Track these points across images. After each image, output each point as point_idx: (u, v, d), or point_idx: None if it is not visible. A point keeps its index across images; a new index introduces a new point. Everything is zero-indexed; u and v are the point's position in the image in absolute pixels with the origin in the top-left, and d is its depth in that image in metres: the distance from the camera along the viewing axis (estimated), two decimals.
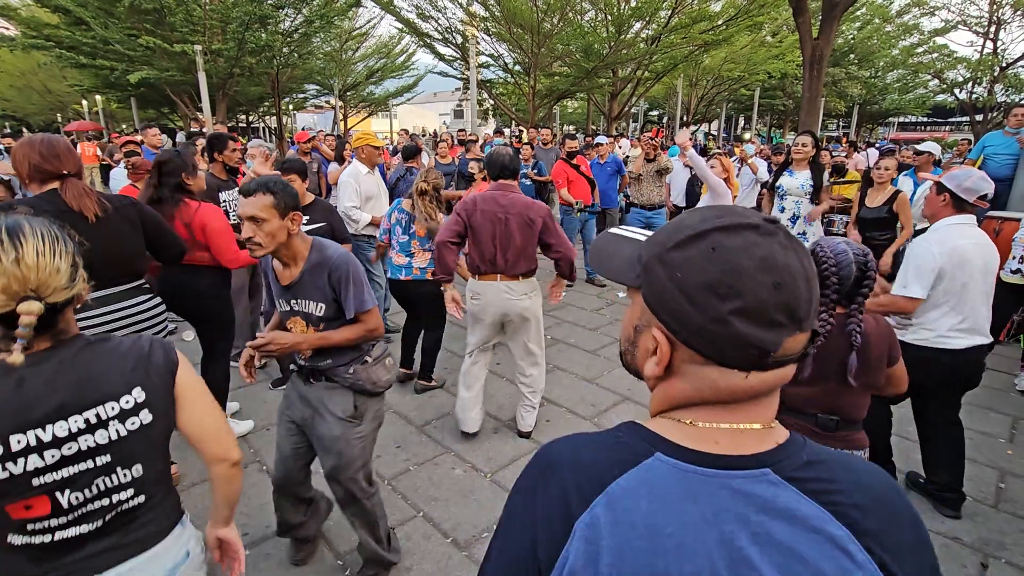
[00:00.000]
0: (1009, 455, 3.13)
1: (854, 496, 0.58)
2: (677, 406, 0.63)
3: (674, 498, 0.56)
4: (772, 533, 0.55)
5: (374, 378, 1.99)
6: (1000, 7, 16.73)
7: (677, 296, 0.58)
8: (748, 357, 0.57)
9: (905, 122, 33.73)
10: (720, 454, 0.58)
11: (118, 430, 1.06)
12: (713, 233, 0.58)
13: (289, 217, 1.76)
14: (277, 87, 17.75)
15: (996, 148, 5.87)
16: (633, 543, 0.55)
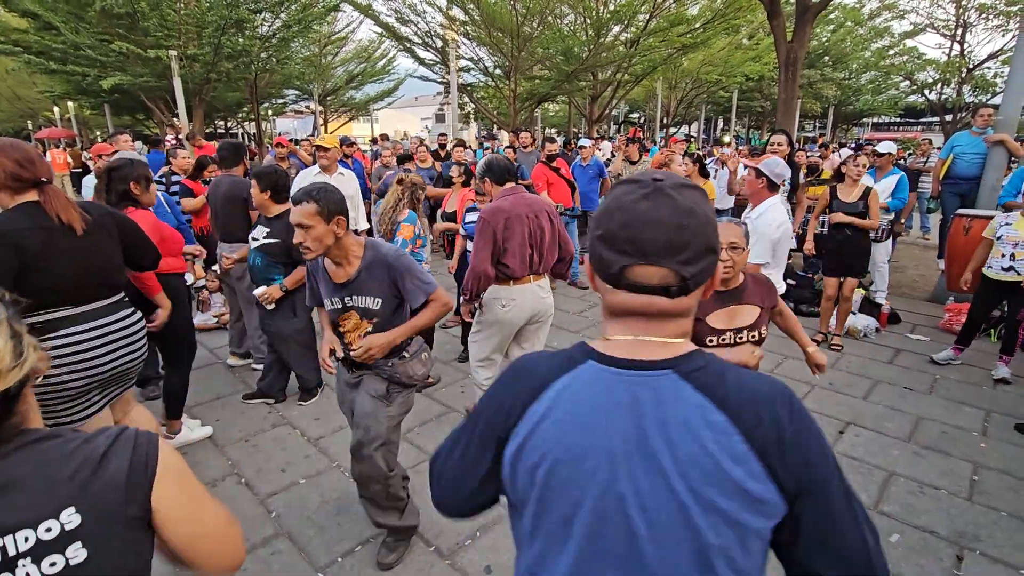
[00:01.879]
0: (982, 448, 3.19)
1: (735, 398, 0.74)
2: (605, 319, 0.84)
3: (596, 390, 0.77)
4: (667, 416, 0.74)
5: (410, 372, 2.17)
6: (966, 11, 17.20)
7: (589, 231, 0.86)
8: (608, 273, 0.78)
9: (879, 122, 34.52)
10: (628, 358, 0.77)
11: (29, 574, 0.70)
12: (615, 186, 0.81)
13: (335, 221, 1.91)
14: (255, 92, 17.56)
15: (964, 148, 6.01)
16: (565, 419, 0.77)
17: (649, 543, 0.73)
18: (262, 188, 3.24)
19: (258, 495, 2.74)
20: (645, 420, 0.74)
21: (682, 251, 0.74)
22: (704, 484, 0.71)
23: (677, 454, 0.72)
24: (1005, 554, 2.37)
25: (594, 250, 0.79)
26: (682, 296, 0.76)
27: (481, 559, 2.33)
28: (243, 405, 3.66)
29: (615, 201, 0.77)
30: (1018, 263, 3.79)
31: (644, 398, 0.75)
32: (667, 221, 0.73)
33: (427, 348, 2.29)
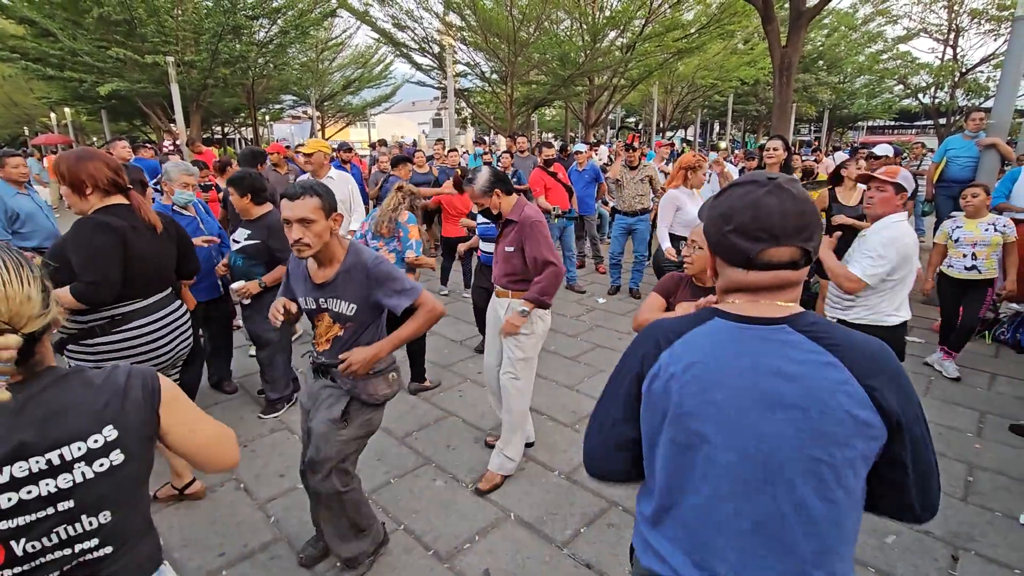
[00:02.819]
0: (977, 449, 3.22)
1: (845, 345, 0.90)
2: (724, 294, 1.01)
3: (724, 339, 0.95)
4: (785, 358, 0.90)
5: (371, 390, 2.04)
6: (958, 15, 17.36)
7: (709, 224, 1.00)
8: (743, 258, 0.95)
9: (873, 126, 34.70)
10: (753, 315, 0.95)
11: (84, 472, 0.95)
12: (729, 188, 0.99)
13: (332, 217, 1.88)
14: (252, 98, 17.60)
15: (957, 151, 6.06)
16: (697, 362, 0.94)
17: (762, 456, 0.90)
18: (242, 193, 3.33)
19: (256, 500, 2.75)
20: (763, 362, 0.91)
21: (805, 231, 0.93)
22: (820, 413, 0.87)
23: (793, 390, 0.88)
24: (1000, 554, 2.39)
25: (725, 241, 0.96)
26: (804, 267, 0.95)
27: (480, 562, 2.34)
28: (241, 410, 3.66)
29: (741, 199, 0.95)
30: (979, 262, 3.88)
31: (762, 344, 0.92)
32: (791, 210, 0.92)
33: (396, 368, 2.15)
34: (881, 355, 0.91)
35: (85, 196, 2.19)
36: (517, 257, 2.82)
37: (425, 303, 1.98)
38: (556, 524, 2.57)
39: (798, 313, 0.95)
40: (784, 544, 0.90)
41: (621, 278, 6.38)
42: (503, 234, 2.86)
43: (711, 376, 0.93)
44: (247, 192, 3.33)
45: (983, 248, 3.90)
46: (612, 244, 6.32)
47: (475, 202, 2.83)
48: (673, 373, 0.95)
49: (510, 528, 2.55)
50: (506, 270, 2.87)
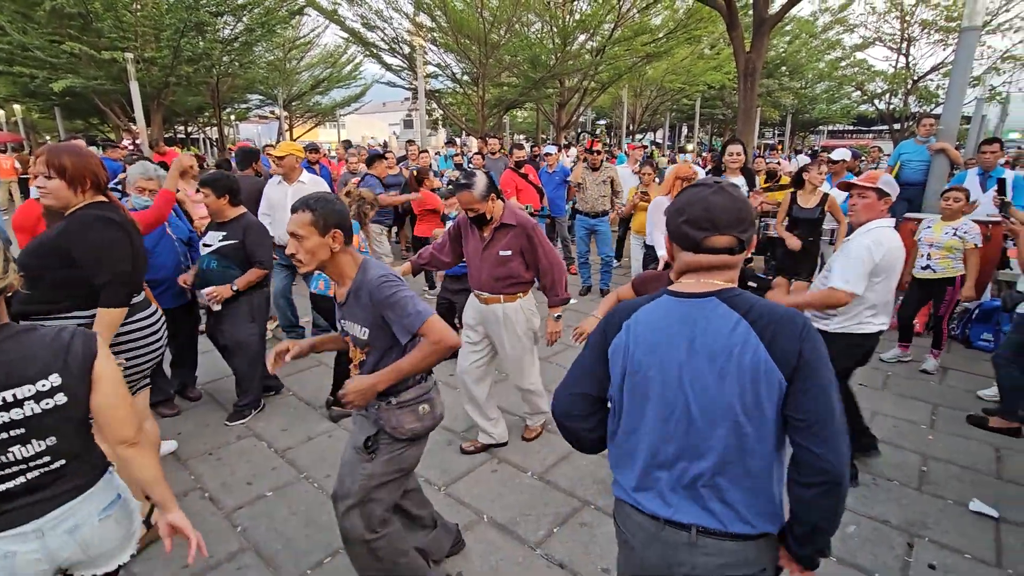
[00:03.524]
0: (930, 440, 3.36)
1: (756, 311, 1.14)
2: (678, 275, 1.25)
3: (666, 310, 1.21)
4: (709, 324, 1.15)
5: (395, 422, 1.83)
6: (910, 26, 18.11)
7: (668, 217, 1.25)
8: (691, 243, 1.20)
9: (833, 130, 35.89)
10: (691, 291, 1.20)
11: (32, 408, 1.22)
12: (685, 189, 1.24)
13: (331, 235, 1.74)
14: (217, 97, 17.15)
15: (910, 155, 6.33)
16: (647, 327, 1.21)
17: (695, 404, 1.15)
18: (219, 194, 3.27)
19: (223, 509, 2.68)
20: (695, 327, 1.16)
21: (740, 224, 1.17)
22: (734, 364, 1.11)
23: (715, 347, 1.13)
24: (951, 540, 2.51)
25: (680, 230, 1.20)
26: (739, 254, 1.19)
27: (452, 565, 2.33)
28: (208, 418, 3.57)
29: (693, 196, 1.19)
30: (933, 262, 4.05)
31: (695, 313, 1.17)
32: (731, 207, 1.17)
33: (429, 399, 1.89)
34: (786, 318, 1.12)
35: (82, 192, 2.11)
36: (516, 261, 2.84)
37: (430, 332, 1.72)
38: (529, 525, 2.58)
39: (725, 288, 1.18)
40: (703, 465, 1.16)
41: (591, 278, 6.45)
42: (495, 238, 2.84)
43: (655, 337, 1.19)
44: (224, 193, 3.27)
45: (938, 250, 4.06)
46: (578, 244, 6.41)
47: (470, 207, 2.74)
48: (630, 337, 1.22)
49: (483, 530, 2.55)
50: (499, 274, 2.86)
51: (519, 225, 2.81)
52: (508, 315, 2.94)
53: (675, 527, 1.19)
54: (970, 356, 4.68)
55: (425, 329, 1.71)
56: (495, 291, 2.91)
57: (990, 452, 3.22)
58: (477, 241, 2.91)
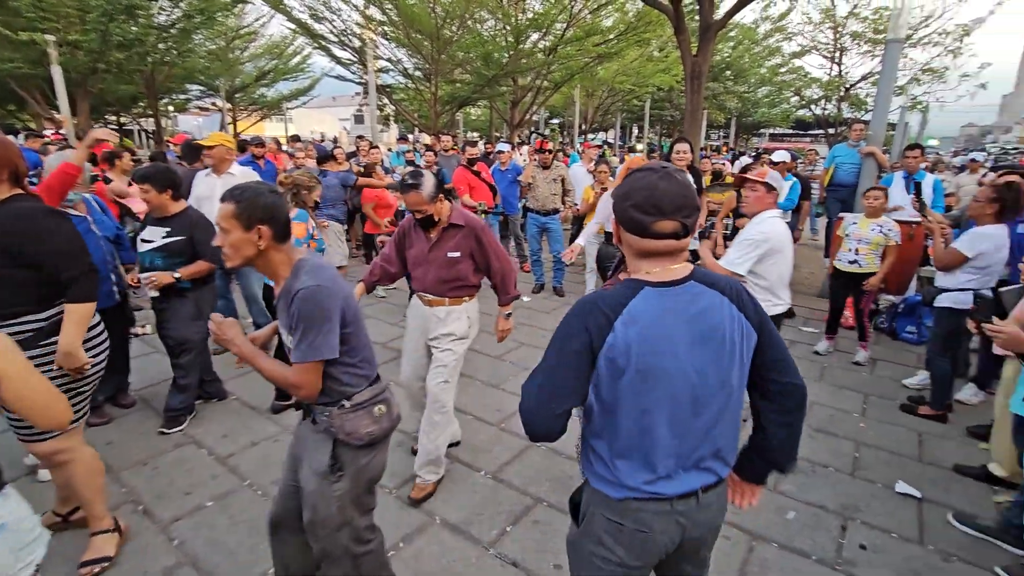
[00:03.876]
0: (862, 428, 3.57)
1: (720, 284, 1.26)
2: (633, 260, 1.28)
3: (656, 303, 1.21)
4: (699, 306, 1.22)
5: (349, 428, 1.69)
6: (841, 36, 19.12)
7: (616, 201, 1.26)
8: (639, 228, 1.21)
9: (775, 133, 37.58)
10: (667, 280, 1.23)
11: None
12: (632, 173, 1.25)
13: (256, 230, 1.59)
14: (153, 86, 16.18)
15: (843, 158, 6.70)
16: (644, 323, 1.19)
17: (700, 388, 1.22)
18: (160, 188, 3.09)
19: (158, 522, 2.53)
20: (690, 315, 1.21)
21: (684, 209, 1.19)
22: (723, 337, 1.22)
23: (712, 330, 1.21)
24: (881, 521, 2.66)
25: (627, 214, 1.22)
26: (685, 238, 1.22)
27: (404, 570, 2.29)
28: (142, 425, 3.36)
29: (639, 182, 1.21)
30: (860, 257, 4.32)
31: (683, 301, 1.22)
32: (676, 193, 1.19)
33: (385, 400, 1.80)
34: (738, 285, 1.29)
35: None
36: (464, 262, 2.76)
37: (299, 376, 1.61)
38: (483, 524, 2.56)
39: (693, 270, 1.25)
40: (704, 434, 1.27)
41: (544, 276, 6.49)
42: (443, 240, 2.75)
43: (656, 332, 1.19)
44: (166, 187, 3.10)
45: (865, 245, 4.32)
46: (530, 242, 6.45)
47: (418, 208, 2.63)
48: (629, 335, 1.18)
49: (436, 532, 2.52)
50: (446, 276, 2.76)
51: (468, 226, 2.74)
52: (451, 316, 2.83)
53: (684, 497, 1.27)
54: (896, 347, 5.00)
55: (298, 370, 1.60)
56: (441, 293, 2.82)
57: (914, 437, 3.45)
58: (423, 243, 2.79)
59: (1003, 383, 3.02)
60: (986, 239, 3.29)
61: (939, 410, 3.63)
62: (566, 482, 2.88)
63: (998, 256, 3.30)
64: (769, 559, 2.36)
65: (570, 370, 1.23)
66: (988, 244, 3.28)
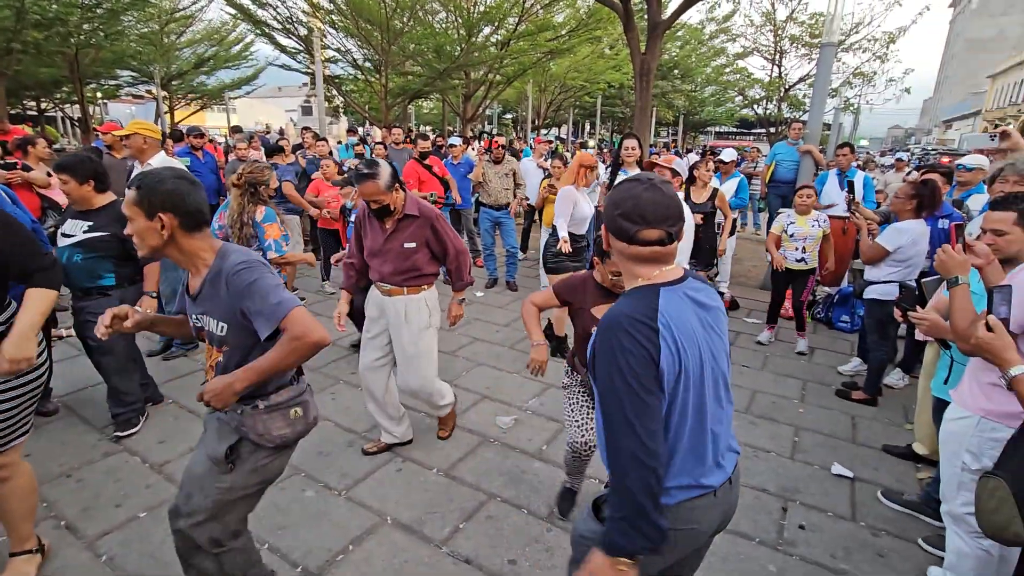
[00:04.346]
0: (800, 413, 3.74)
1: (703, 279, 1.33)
2: (625, 264, 1.32)
3: (675, 299, 1.23)
4: (702, 299, 1.28)
5: (261, 429, 1.63)
6: (781, 39, 19.99)
7: (606, 208, 1.31)
8: (625, 235, 1.25)
9: (720, 131, 38.99)
10: (671, 280, 1.27)
11: None
12: (622, 183, 1.30)
13: (158, 218, 1.51)
14: (77, 70, 15.09)
15: (783, 156, 6.99)
16: (678, 322, 1.20)
17: (720, 377, 1.29)
18: (81, 180, 2.85)
19: (84, 538, 2.36)
20: (701, 308, 1.27)
21: (668, 219, 1.24)
22: (724, 330, 1.33)
23: (718, 321, 1.31)
24: (817, 501, 2.80)
25: (615, 223, 1.26)
26: (670, 244, 1.26)
27: (355, 573, 2.22)
28: (65, 434, 3.13)
29: (627, 192, 1.26)
30: (807, 254, 4.53)
31: (694, 295, 1.27)
32: (660, 203, 1.23)
33: (303, 403, 1.72)
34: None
35: None
36: (420, 252, 2.77)
37: (293, 325, 1.49)
38: (435, 523, 2.52)
39: (687, 271, 1.32)
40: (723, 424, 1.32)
41: (497, 271, 6.47)
42: (398, 230, 2.74)
43: (686, 329, 1.21)
44: (88, 178, 2.86)
45: (811, 242, 4.51)
46: (483, 237, 6.42)
47: (374, 198, 2.61)
48: (672, 338, 1.18)
49: (387, 532, 2.46)
50: (403, 267, 2.77)
51: (423, 216, 2.75)
52: (410, 308, 2.84)
53: (725, 485, 1.32)
54: (832, 336, 5.27)
55: (288, 321, 1.49)
56: (398, 284, 2.82)
57: (848, 421, 3.64)
58: (379, 233, 2.78)
59: (925, 367, 3.22)
60: (904, 234, 3.50)
61: (871, 395, 3.85)
62: (519, 477, 2.88)
63: (916, 249, 3.51)
64: (715, 543, 2.43)
65: (651, 400, 1.13)
66: (906, 238, 3.49)
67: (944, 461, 2.01)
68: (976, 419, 1.84)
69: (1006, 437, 1.67)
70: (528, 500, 2.70)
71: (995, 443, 1.77)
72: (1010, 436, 1.52)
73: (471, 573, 2.25)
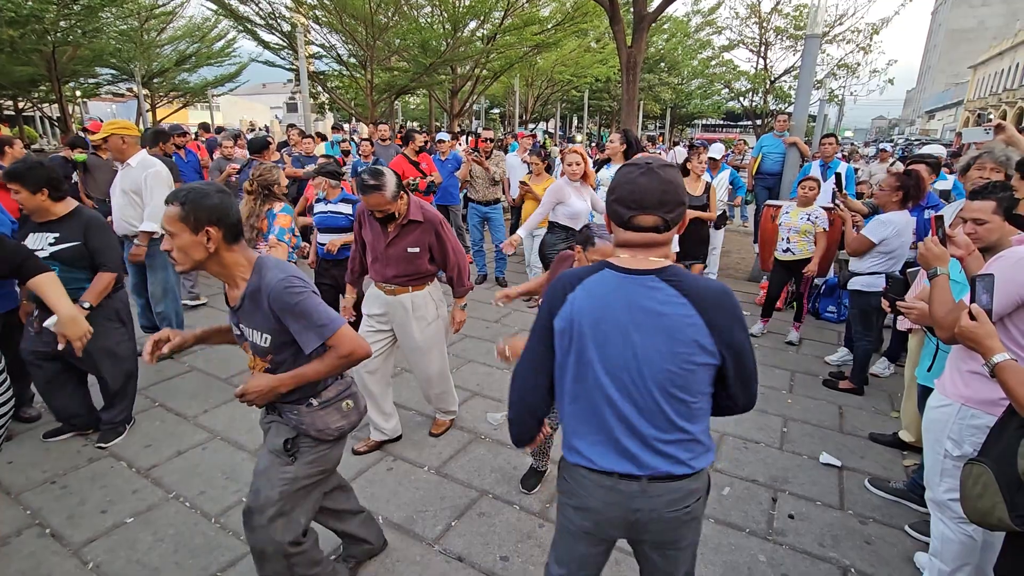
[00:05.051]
0: (789, 403, 3.77)
1: (694, 290, 1.21)
2: (616, 248, 1.30)
3: (611, 285, 1.25)
4: (652, 299, 1.21)
5: (320, 424, 1.74)
6: (766, 31, 20.12)
7: (607, 197, 1.29)
8: (620, 220, 1.25)
9: (707, 124, 39.14)
10: (632, 267, 1.25)
11: None
12: (621, 168, 1.28)
13: (204, 232, 1.55)
14: (55, 68, 14.81)
15: (769, 148, 7.02)
16: (591, 300, 1.25)
17: (640, 371, 1.22)
18: (33, 189, 2.64)
19: (70, 546, 2.32)
20: (636, 302, 1.22)
21: (665, 205, 1.21)
22: (672, 339, 1.20)
23: (656, 323, 1.20)
24: (806, 490, 2.83)
25: (611, 207, 1.26)
26: (666, 232, 1.24)
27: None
28: (47, 441, 3.08)
29: (624, 177, 1.24)
30: (793, 245, 4.57)
31: (636, 289, 1.22)
32: (656, 188, 1.20)
33: (352, 395, 1.85)
34: (721, 297, 1.22)
35: None
36: (423, 257, 2.80)
37: (341, 345, 1.63)
38: (427, 521, 2.52)
39: (665, 266, 1.24)
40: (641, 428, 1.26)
41: (486, 267, 6.46)
42: (401, 235, 2.75)
43: (601, 312, 1.23)
44: (41, 187, 2.65)
45: (795, 234, 4.55)
46: (471, 233, 6.40)
47: (380, 208, 2.61)
48: (575, 310, 1.25)
49: None
50: (406, 270, 2.81)
51: (427, 221, 2.77)
52: (416, 303, 2.88)
53: (628, 479, 1.28)
54: (819, 326, 5.32)
55: (336, 340, 1.63)
56: (401, 284, 2.85)
57: (835, 410, 3.68)
58: (380, 236, 2.79)
59: (910, 356, 3.27)
60: (889, 225, 3.53)
61: (858, 384, 3.90)
62: (511, 473, 2.88)
63: (900, 241, 3.55)
64: (706, 534, 2.45)
65: (535, 353, 1.33)
66: (890, 230, 3.53)
67: (927, 448, 2.03)
68: (957, 406, 1.86)
69: (986, 424, 1.69)
70: (520, 496, 2.70)
71: (975, 430, 1.80)
72: (992, 423, 1.54)
73: (463, 570, 2.24)
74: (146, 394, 3.60)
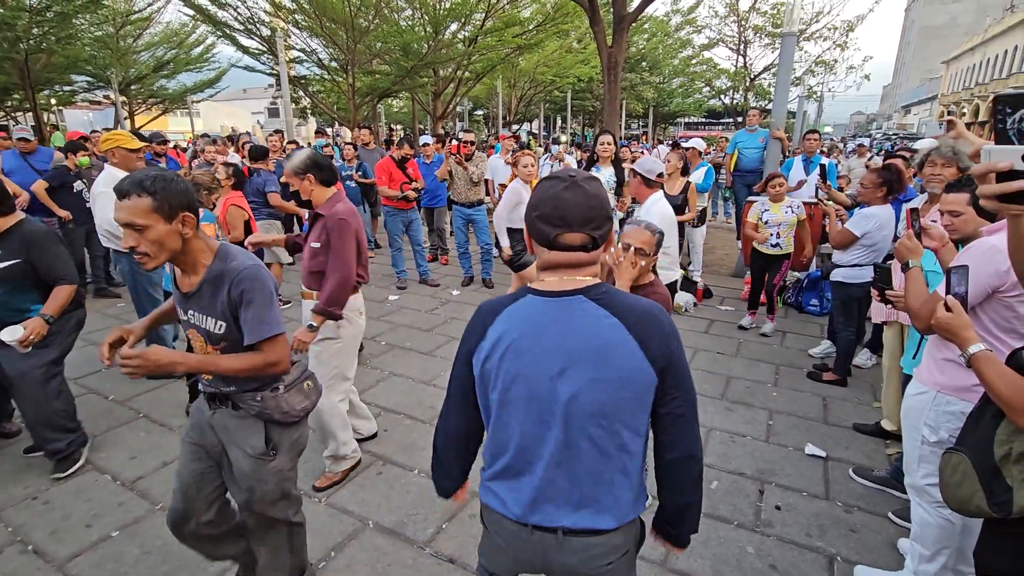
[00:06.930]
0: (774, 396, 3.82)
1: (625, 309, 1.11)
2: (540, 271, 1.18)
3: (532, 311, 1.14)
4: (580, 321, 1.10)
5: (285, 407, 1.75)
6: (745, 30, 20.39)
7: (526, 211, 1.17)
8: (544, 239, 1.13)
9: (689, 122, 39.46)
10: (556, 289, 1.13)
11: None
12: (540, 182, 1.15)
13: (180, 218, 1.52)
14: (28, 76, 14.50)
15: (745, 144, 7.11)
16: (512, 329, 1.14)
17: (565, 408, 1.10)
18: None
19: (53, 561, 2.28)
20: (563, 325, 1.11)
21: (592, 222, 1.11)
22: (603, 363, 1.08)
23: (585, 345, 1.09)
24: (792, 482, 2.87)
25: (534, 225, 1.14)
26: (594, 251, 1.14)
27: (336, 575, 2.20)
28: (28, 456, 3.02)
29: (546, 192, 1.12)
30: (781, 239, 4.64)
31: (562, 312, 1.12)
32: (583, 204, 1.10)
33: (311, 375, 1.88)
34: (653, 313, 1.13)
35: None
36: (323, 254, 2.57)
37: (271, 350, 1.63)
38: (418, 524, 2.51)
39: (592, 285, 1.14)
40: (573, 470, 1.15)
41: (473, 268, 6.46)
42: (312, 228, 2.61)
43: (522, 340, 1.13)
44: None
45: (784, 228, 4.62)
46: (456, 235, 6.40)
47: (287, 181, 2.57)
48: (496, 344, 1.15)
49: (369, 537, 2.44)
50: (313, 267, 2.62)
51: (327, 216, 2.55)
52: (307, 314, 2.62)
53: (543, 531, 1.18)
54: (802, 319, 5.40)
55: (271, 344, 1.64)
56: (310, 286, 2.68)
57: (819, 402, 3.74)
58: None
59: (886, 347, 3.33)
60: (871, 219, 3.60)
61: (841, 375, 3.96)
62: None
63: (882, 234, 3.62)
64: None
65: (458, 387, 1.26)
66: (873, 223, 3.59)
67: (905, 435, 2.08)
68: (933, 394, 1.90)
69: (961, 411, 1.73)
70: None
71: (951, 416, 1.84)
72: (967, 409, 1.58)
73: (455, 572, 2.24)
74: (130, 405, 3.56)
